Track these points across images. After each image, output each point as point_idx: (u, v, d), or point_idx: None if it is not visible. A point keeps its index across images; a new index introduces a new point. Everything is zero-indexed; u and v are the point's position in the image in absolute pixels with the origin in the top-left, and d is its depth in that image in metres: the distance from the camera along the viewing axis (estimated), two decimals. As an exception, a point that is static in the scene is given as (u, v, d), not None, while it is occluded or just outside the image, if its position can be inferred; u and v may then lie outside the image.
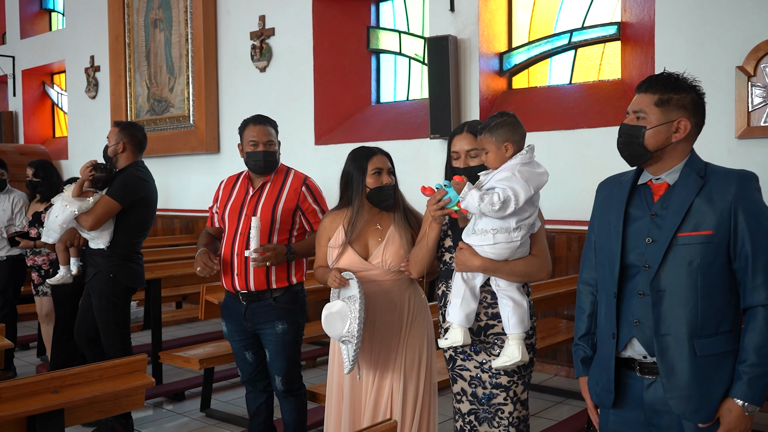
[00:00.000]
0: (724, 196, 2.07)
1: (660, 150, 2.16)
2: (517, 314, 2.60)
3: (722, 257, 2.08)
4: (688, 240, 2.08)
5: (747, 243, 2.05)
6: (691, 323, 2.07)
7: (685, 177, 2.14)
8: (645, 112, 2.16)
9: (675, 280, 2.09)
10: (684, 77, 2.18)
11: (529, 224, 2.59)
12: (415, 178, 3.51)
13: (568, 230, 5.55)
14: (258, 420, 3.66)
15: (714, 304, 2.09)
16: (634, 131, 2.17)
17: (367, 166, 2.99)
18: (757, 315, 2.05)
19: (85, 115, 10.14)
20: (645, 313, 2.14)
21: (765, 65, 4.64)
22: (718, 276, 2.09)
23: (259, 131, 3.43)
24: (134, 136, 4.37)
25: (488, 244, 2.57)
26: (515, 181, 2.52)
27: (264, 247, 3.25)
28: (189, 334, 6.91)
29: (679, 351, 2.08)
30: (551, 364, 5.74)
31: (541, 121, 5.78)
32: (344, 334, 2.81)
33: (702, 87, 2.20)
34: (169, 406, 5.05)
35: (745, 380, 2.04)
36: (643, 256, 2.16)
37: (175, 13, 8.57)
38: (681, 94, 2.14)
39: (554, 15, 6.26)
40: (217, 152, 8.30)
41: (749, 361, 2.04)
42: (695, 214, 2.09)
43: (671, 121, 2.14)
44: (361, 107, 7.52)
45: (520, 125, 2.66)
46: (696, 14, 4.95)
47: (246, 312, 3.43)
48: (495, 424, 2.71)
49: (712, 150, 4.79)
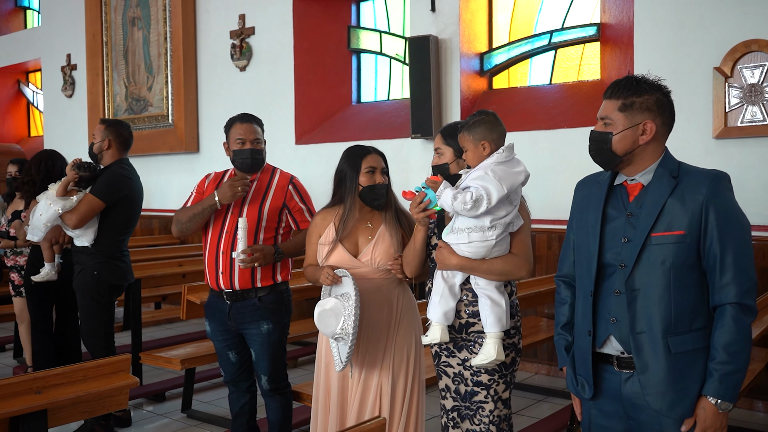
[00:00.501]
0: (695, 196, 2.10)
1: (629, 153, 2.19)
2: (494, 313, 2.62)
3: (694, 256, 2.12)
4: (661, 240, 2.12)
5: (716, 242, 2.09)
6: (665, 321, 2.11)
7: (659, 178, 2.18)
8: (611, 119, 2.20)
9: (649, 279, 2.13)
10: (646, 78, 2.21)
11: (505, 223, 2.60)
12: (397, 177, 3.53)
13: (548, 229, 5.59)
14: (241, 420, 3.64)
15: (687, 302, 2.12)
16: (602, 137, 2.21)
17: (361, 164, 3.00)
18: (725, 313, 2.09)
19: (62, 113, 10.02)
20: (622, 311, 2.18)
21: (742, 66, 4.71)
22: (690, 274, 2.13)
23: (246, 129, 3.42)
24: (120, 133, 4.35)
25: (464, 242, 2.60)
26: (488, 180, 2.55)
27: (252, 248, 3.24)
28: (169, 335, 6.86)
29: (654, 348, 2.12)
30: (532, 363, 5.78)
31: (522, 121, 5.82)
32: (338, 331, 2.81)
33: (667, 86, 2.22)
34: (149, 407, 5.00)
35: (716, 378, 2.07)
36: (619, 255, 2.19)
37: (153, 11, 8.51)
38: (643, 96, 2.17)
39: (534, 16, 6.31)
40: (197, 152, 8.25)
41: (719, 358, 2.07)
42: (668, 214, 2.12)
43: (636, 125, 2.16)
44: (341, 107, 7.51)
45: (499, 124, 2.69)
46: (674, 16, 5.02)
47: (230, 311, 3.42)
48: (476, 422, 2.73)
49: (690, 150, 4.86)
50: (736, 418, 4.60)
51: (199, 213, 3.37)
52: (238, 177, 3.35)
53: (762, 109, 4.64)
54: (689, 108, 4.91)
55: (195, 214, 3.38)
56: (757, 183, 4.71)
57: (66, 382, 2.47)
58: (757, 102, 4.66)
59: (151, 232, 8.73)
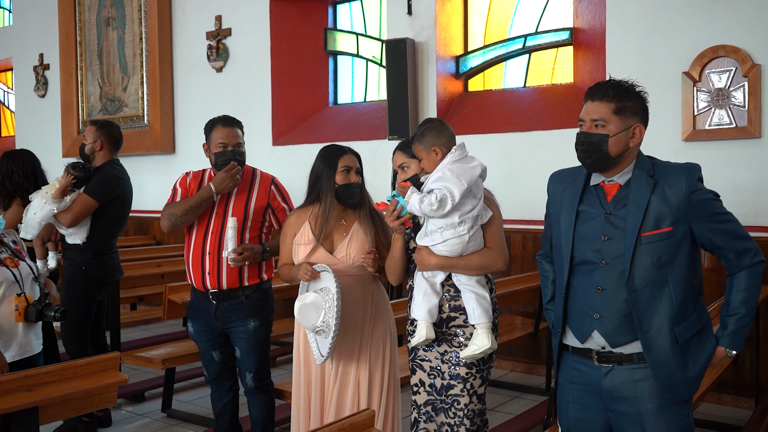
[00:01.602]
0: (676, 192, 2.21)
1: (620, 155, 2.27)
2: (481, 305, 2.74)
3: (685, 248, 2.24)
4: (652, 239, 2.22)
5: (713, 228, 2.23)
6: (669, 316, 2.22)
7: (637, 178, 2.26)
8: (605, 120, 2.25)
9: (647, 278, 2.23)
10: (633, 84, 2.30)
11: (473, 216, 2.73)
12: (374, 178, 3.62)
13: (523, 230, 5.70)
14: (224, 419, 3.67)
15: (684, 292, 2.25)
16: (597, 139, 2.25)
17: (337, 163, 3.07)
18: (742, 276, 2.26)
19: (34, 114, 9.92)
20: (605, 307, 2.26)
21: (710, 71, 4.87)
22: (683, 266, 2.24)
23: (227, 133, 3.46)
24: (111, 134, 4.46)
25: (439, 242, 2.72)
26: (447, 179, 2.69)
27: (242, 247, 3.31)
28: (146, 336, 6.85)
29: (663, 343, 2.22)
30: (508, 360, 5.88)
31: (497, 123, 5.92)
32: (319, 324, 2.88)
33: (646, 92, 2.33)
34: (128, 408, 5.01)
35: (732, 330, 2.26)
36: (599, 252, 2.27)
37: (128, 11, 8.47)
38: (634, 101, 2.27)
39: (509, 20, 6.42)
40: (173, 152, 8.24)
41: (737, 314, 2.25)
42: (653, 212, 2.22)
43: (629, 128, 2.25)
44: (318, 108, 7.56)
45: (446, 128, 2.83)
46: (645, 21, 5.16)
47: (217, 311, 3.46)
48: (450, 415, 2.82)
49: (660, 152, 4.93)
50: (704, 412, 4.74)
51: (196, 205, 3.40)
52: (231, 165, 3.39)
53: (729, 113, 4.80)
54: (659, 111, 5.04)
55: (192, 207, 3.40)
56: (723, 184, 4.84)
57: (56, 380, 2.50)
58: (724, 106, 4.82)
59: (126, 233, 8.68)
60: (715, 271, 4.88)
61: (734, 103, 4.78)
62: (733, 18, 4.81)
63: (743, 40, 4.76)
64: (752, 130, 4.71)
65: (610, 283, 2.26)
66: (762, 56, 4.71)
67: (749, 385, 4.79)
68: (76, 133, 9.17)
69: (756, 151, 4.76)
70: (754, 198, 4.78)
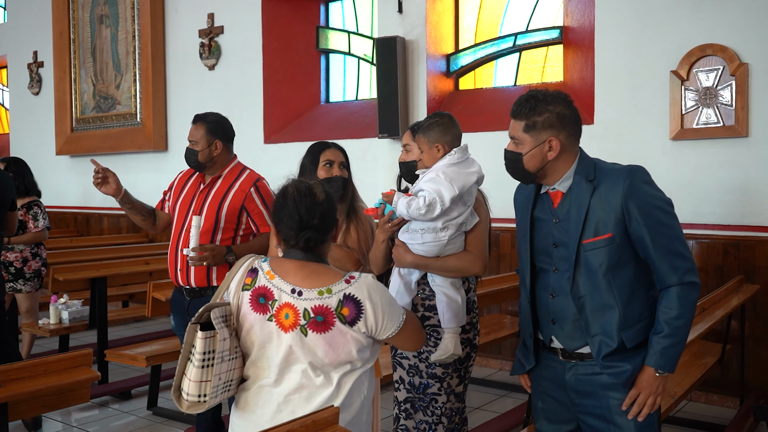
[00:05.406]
0: (614, 197, 2.18)
1: (541, 169, 2.26)
2: (451, 309, 2.70)
3: (628, 253, 2.21)
4: (593, 246, 2.20)
5: (645, 236, 2.17)
6: (616, 321, 2.20)
7: (577, 185, 2.25)
8: (518, 138, 2.26)
9: (591, 284, 2.22)
10: (546, 94, 2.25)
11: (457, 224, 2.68)
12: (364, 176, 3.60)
13: (512, 228, 5.62)
14: (205, 416, 3.66)
15: (632, 297, 2.22)
16: (514, 157, 2.28)
17: (319, 158, 3.06)
18: (670, 293, 2.18)
19: (28, 111, 9.93)
20: (559, 313, 2.29)
21: (697, 70, 4.85)
22: (628, 271, 2.22)
23: (191, 130, 3.53)
24: None
25: (418, 242, 2.69)
26: (439, 182, 2.62)
27: (202, 247, 3.29)
28: (135, 333, 6.85)
29: (612, 347, 2.21)
30: (496, 359, 5.88)
31: (487, 122, 5.91)
32: None
33: (568, 99, 2.27)
34: (115, 405, 5.01)
35: (658, 350, 2.18)
36: (551, 259, 2.30)
37: (121, 9, 8.47)
38: (544, 115, 2.22)
39: (499, 18, 6.41)
40: (165, 150, 8.23)
41: (661, 332, 2.18)
42: (592, 219, 2.20)
43: (542, 143, 2.23)
44: (310, 106, 7.55)
45: (454, 126, 2.75)
46: (633, 20, 5.15)
47: (189, 307, 3.46)
48: (429, 413, 2.80)
49: (648, 151, 5.00)
50: (690, 411, 4.74)
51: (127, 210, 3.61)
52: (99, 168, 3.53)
53: (716, 112, 4.79)
54: (647, 110, 5.05)
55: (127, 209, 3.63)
56: (711, 183, 4.85)
57: (27, 376, 2.49)
58: (711, 105, 4.80)
59: (119, 230, 8.69)
60: (701, 270, 4.87)
61: (722, 102, 4.77)
62: (720, 17, 4.80)
63: (731, 39, 4.75)
64: (739, 129, 4.70)
65: (561, 289, 2.28)
66: (749, 55, 4.70)
67: (736, 384, 4.79)
68: (70, 130, 9.18)
69: (743, 150, 4.74)
70: (741, 197, 4.76)
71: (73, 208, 9.21)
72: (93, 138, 8.87)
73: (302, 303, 2.03)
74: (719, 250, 4.85)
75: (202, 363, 1.99)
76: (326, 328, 2.02)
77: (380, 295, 2.07)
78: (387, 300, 2.09)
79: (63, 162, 9.36)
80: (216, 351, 2.01)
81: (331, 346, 2.03)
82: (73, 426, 4.64)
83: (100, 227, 8.94)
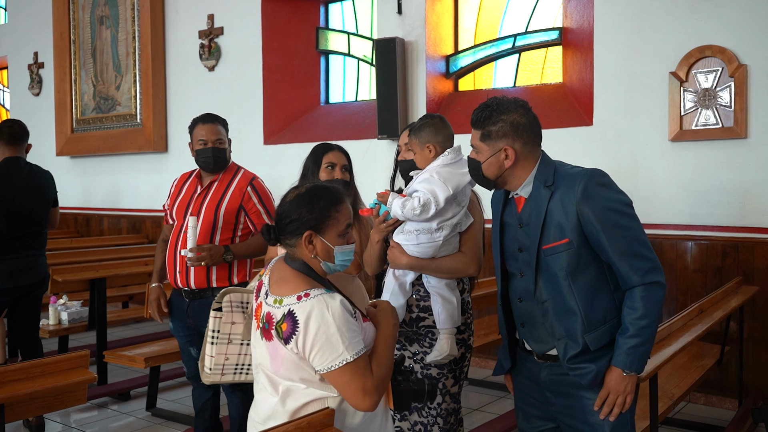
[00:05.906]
0: (569, 202, 2.18)
1: (500, 176, 2.29)
2: (446, 310, 2.71)
3: (587, 257, 2.20)
4: (552, 251, 2.21)
5: (602, 239, 2.16)
6: (579, 324, 2.21)
7: (536, 190, 2.26)
8: (477, 147, 2.29)
9: (553, 289, 2.23)
10: (501, 102, 2.25)
11: (452, 224, 2.69)
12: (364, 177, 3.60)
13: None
14: (204, 416, 3.67)
15: (594, 300, 2.22)
16: (474, 165, 2.31)
17: (322, 160, 3.07)
18: (634, 294, 2.18)
19: (28, 112, 9.93)
20: (527, 316, 2.32)
21: (696, 71, 4.85)
22: (589, 274, 2.21)
23: (208, 130, 3.46)
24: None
25: (413, 243, 2.69)
26: (433, 182, 2.63)
27: (200, 247, 3.29)
28: (135, 335, 6.85)
29: (576, 350, 2.22)
30: (494, 361, 5.84)
31: (486, 123, 5.90)
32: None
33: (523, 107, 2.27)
34: (114, 406, 5.01)
35: (623, 350, 2.18)
36: (517, 263, 2.32)
37: (122, 10, 8.48)
38: (498, 124, 2.23)
39: (499, 20, 6.41)
40: (165, 151, 8.23)
41: (626, 333, 2.18)
42: (550, 224, 2.21)
43: (498, 151, 2.24)
44: (310, 107, 7.56)
45: (445, 127, 2.77)
46: (632, 22, 5.14)
47: (188, 309, 3.46)
48: (424, 414, 2.80)
49: (647, 152, 4.99)
50: (689, 412, 4.74)
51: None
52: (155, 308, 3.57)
53: (715, 113, 4.78)
54: (646, 111, 5.04)
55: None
56: (709, 184, 4.85)
57: (24, 378, 2.49)
58: (710, 106, 4.80)
59: (119, 231, 8.70)
60: (700, 272, 4.87)
61: (721, 104, 4.77)
62: (719, 18, 4.79)
63: (730, 40, 4.75)
64: (738, 130, 4.70)
65: (527, 294, 2.30)
66: (748, 56, 4.69)
67: (735, 385, 4.78)
68: (70, 131, 9.19)
69: (742, 151, 4.74)
70: (739, 199, 4.76)
71: (73, 208, 9.22)
72: (93, 139, 8.89)
73: (265, 306, 2.03)
74: (718, 252, 4.84)
75: (211, 340, 2.23)
76: (270, 337, 1.99)
77: (322, 324, 1.90)
78: (327, 332, 1.90)
79: (63, 163, 9.37)
80: (221, 332, 2.20)
81: (272, 357, 2.00)
82: (72, 427, 4.64)
83: (100, 228, 8.95)
